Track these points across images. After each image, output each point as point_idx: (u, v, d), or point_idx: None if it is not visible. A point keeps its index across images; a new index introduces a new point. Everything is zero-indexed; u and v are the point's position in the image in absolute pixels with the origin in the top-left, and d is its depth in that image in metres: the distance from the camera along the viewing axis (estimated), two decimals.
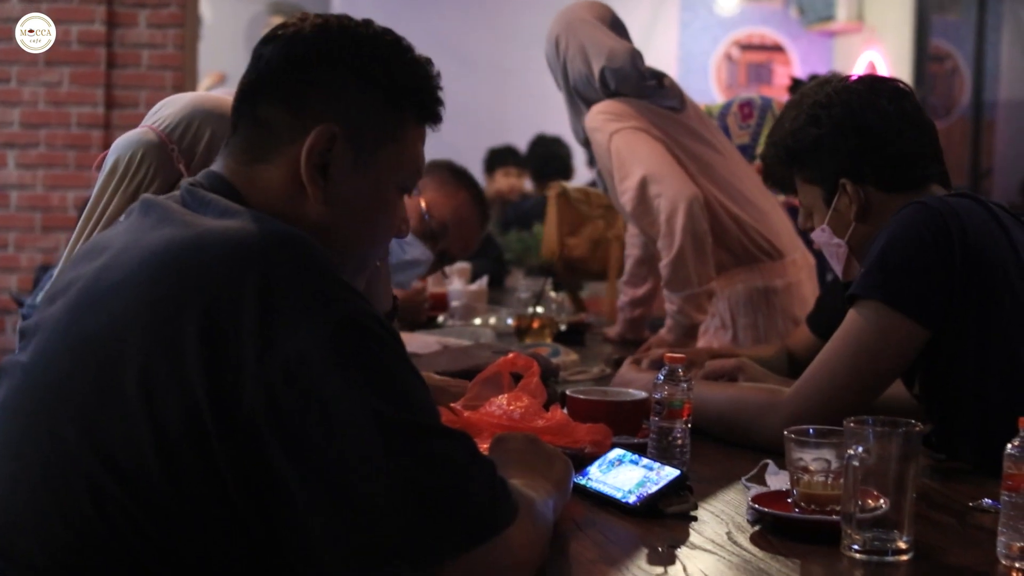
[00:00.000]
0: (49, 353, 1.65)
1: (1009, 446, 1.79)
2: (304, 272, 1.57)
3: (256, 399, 1.50)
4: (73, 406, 1.58)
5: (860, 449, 1.78)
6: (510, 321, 4.16)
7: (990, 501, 2.06)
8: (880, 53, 11.27)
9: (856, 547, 1.78)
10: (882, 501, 1.79)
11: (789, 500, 1.95)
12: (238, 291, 1.54)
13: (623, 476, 2.09)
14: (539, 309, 3.99)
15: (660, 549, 1.85)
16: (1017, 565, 1.77)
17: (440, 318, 4.42)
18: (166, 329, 1.54)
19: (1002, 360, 2.35)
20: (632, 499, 2.02)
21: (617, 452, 2.18)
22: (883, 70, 10.72)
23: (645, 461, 2.12)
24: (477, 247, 4.08)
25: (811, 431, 1.94)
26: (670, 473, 2.04)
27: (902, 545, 1.79)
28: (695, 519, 2.00)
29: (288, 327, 1.52)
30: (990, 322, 2.34)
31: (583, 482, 2.11)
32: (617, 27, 4.10)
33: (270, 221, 1.65)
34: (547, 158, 8.54)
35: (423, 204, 3.62)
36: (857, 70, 10.89)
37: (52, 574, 1.56)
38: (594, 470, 2.14)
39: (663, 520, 1.99)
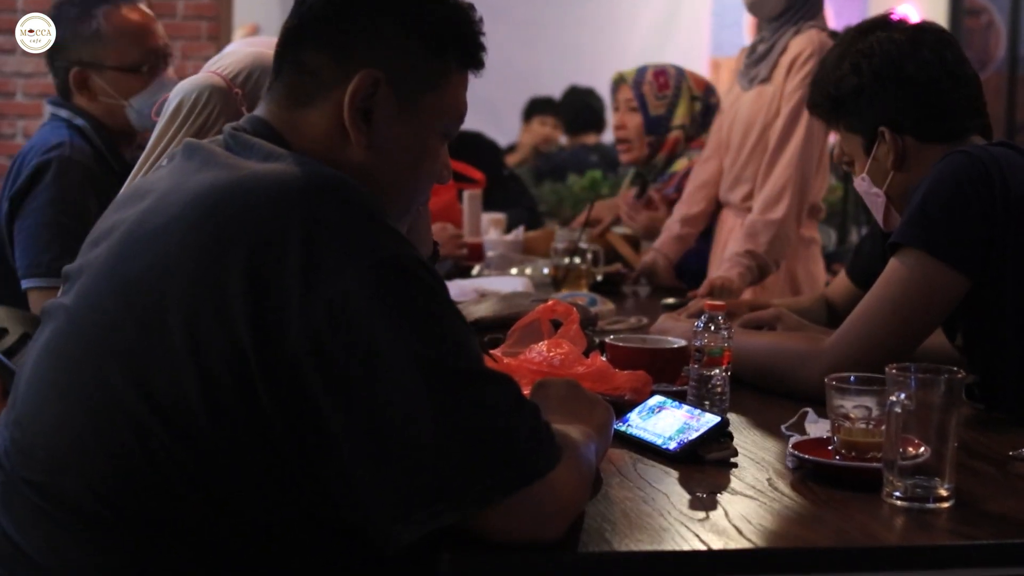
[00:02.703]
0: (93, 296, 1.66)
1: None
2: (348, 215, 1.57)
3: (300, 342, 1.51)
4: (118, 348, 1.59)
5: (902, 396, 1.77)
6: (546, 271, 4.16)
7: None
8: (915, 7, 11.16)
9: (897, 494, 1.78)
10: (923, 449, 1.78)
11: (830, 447, 1.95)
12: (282, 233, 1.54)
13: (663, 423, 2.09)
14: (575, 259, 3.99)
15: (700, 495, 1.86)
16: None
17: (475, 268, 4.41)
18: (210, 271, 1.55)
19: None
20: (672, 445, 2.03)
21: (657, 399, 2.19)
22: None
23: (685, 408, 2.13)
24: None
25: (852, 379, 1.93)
26: (710, 420, 2.05)
27: (943, 492, 1.79)
28: (735, 465, 2.00)
29: (332, 270, 1.52)
30: None
31: (623, 428, 2.11)
32: None
33: (314, 164, 1.65)
34: (579, 109, 8.50)
35: None
36: None
37: (98, 514, 1.58)
38: (634, 417, 2.15)
39: (703, 466, 1.99)
